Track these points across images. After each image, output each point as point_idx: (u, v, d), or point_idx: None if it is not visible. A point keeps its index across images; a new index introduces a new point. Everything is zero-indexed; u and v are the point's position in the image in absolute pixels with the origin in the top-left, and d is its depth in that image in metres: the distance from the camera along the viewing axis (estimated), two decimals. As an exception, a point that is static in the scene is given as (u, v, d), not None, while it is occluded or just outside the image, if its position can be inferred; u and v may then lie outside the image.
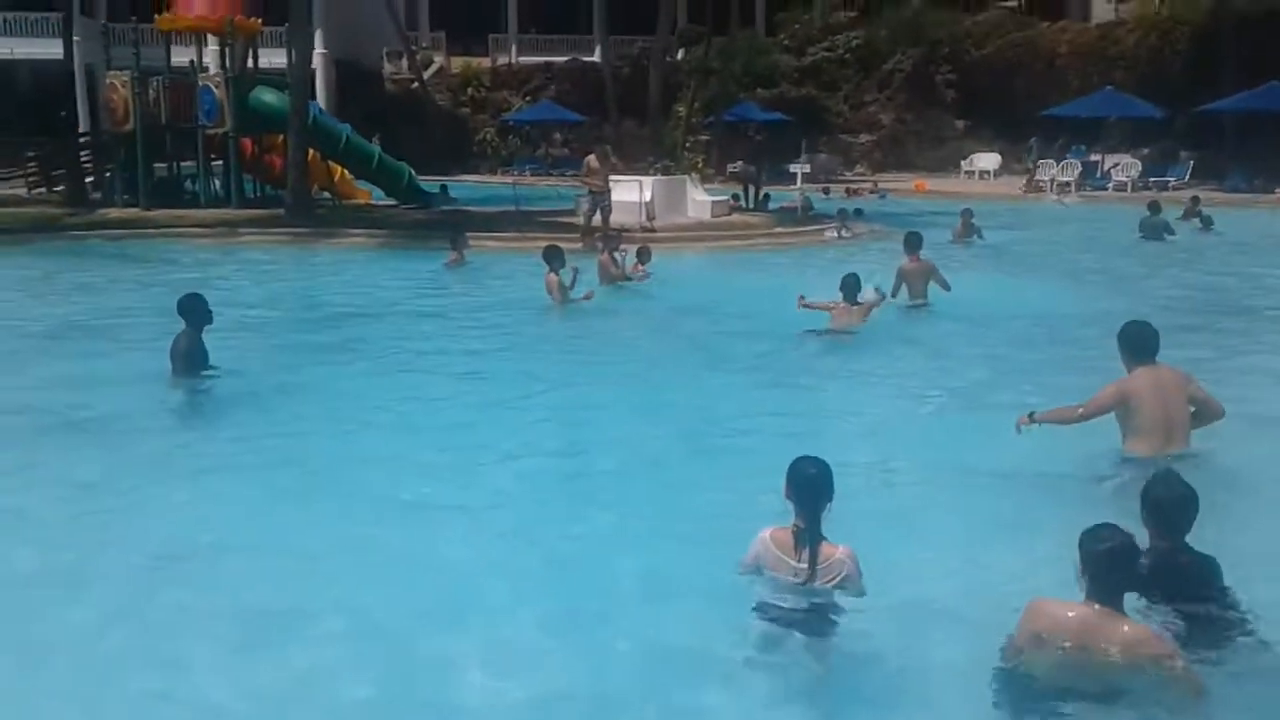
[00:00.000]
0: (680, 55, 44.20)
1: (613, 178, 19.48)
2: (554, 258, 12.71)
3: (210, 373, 8.76)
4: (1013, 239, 21.11)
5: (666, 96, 40.48)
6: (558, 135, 42.41)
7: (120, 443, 7.46)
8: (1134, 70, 35.64)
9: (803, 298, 10.64)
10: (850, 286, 10.81)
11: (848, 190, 32.18)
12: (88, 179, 25.63)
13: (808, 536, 4.43)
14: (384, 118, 35.84)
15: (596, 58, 45.62)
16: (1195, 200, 23.20)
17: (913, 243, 12.50)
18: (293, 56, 22.91)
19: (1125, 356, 6.38)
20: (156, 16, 24.22)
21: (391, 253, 19.09)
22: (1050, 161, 32.96)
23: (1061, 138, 34.32)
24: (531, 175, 38.38)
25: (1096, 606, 3.87)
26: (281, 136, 24.94)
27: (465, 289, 15.01)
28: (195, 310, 8.58)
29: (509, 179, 34.66)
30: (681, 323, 12.48)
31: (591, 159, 19.45)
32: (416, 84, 41.92)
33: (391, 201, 26.08)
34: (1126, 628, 3.85)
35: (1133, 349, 6.34)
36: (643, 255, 15.33)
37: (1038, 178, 32.69)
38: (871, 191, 32.19)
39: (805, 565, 4.42)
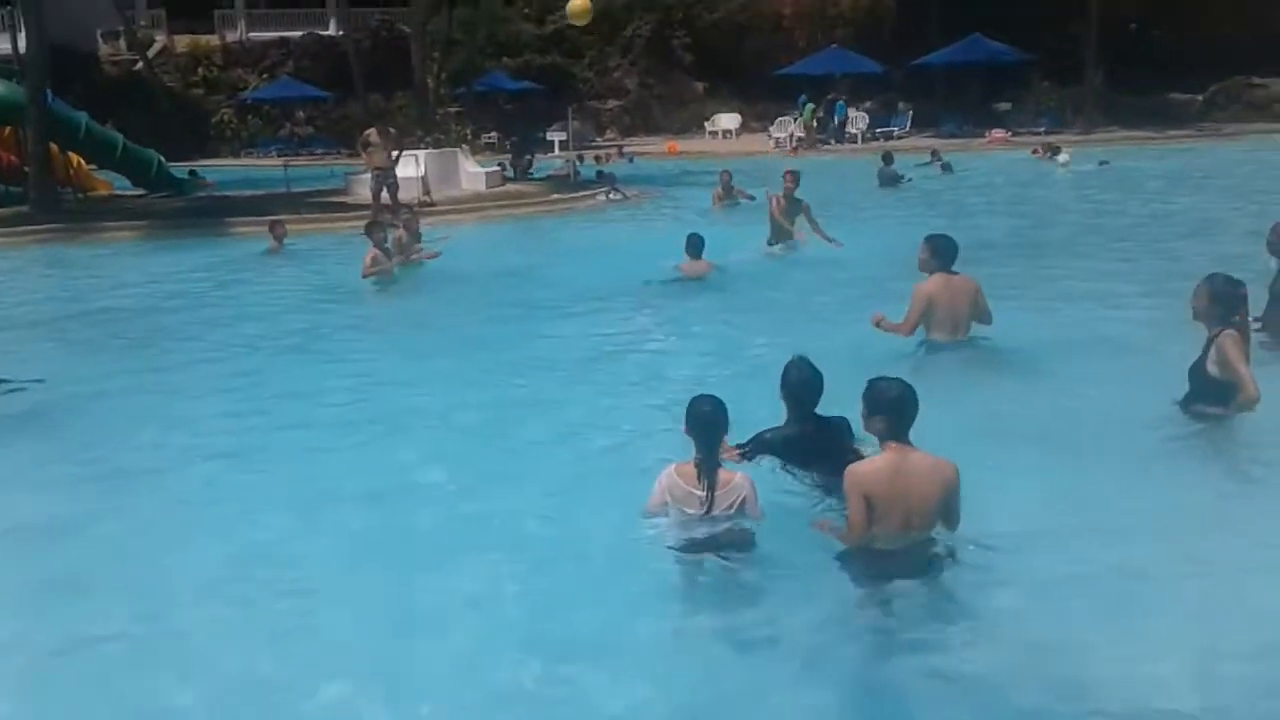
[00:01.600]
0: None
1: (395, 153, 19.42)
2: (375, 231, 12.81)
3: None
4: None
5: (409, 68, 40.08)
6: (301, 113, 41.12)
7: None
8: (852, 28, 38.57)
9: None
10: (695, 244, 11.87)
11: (596, 157, 33.11)
12: None
13: (707, 467, 4.94)
14: (106, 103, 33.58)
15: (333, 31, 44.41)
16: (935, 152, 25.86)
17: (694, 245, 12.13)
18: (24, 42, 21.26)
19: (936, 263, 7.87)
20: None
21: (161, 244, 18.24)
22: (787, 119, 35.19)
23: (831, 93, 36.05)
24: (279, 155, 37.10)
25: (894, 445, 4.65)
26: (8, 130, 23.23)
27: (286, 274, 14.59)
28: None
29: (272, 160, 33.58)
30: (504, 288, 12.80)
31: (371, 134, 19.23)
32: (140, 65, 39.38)
33: (138, 191, 24.80)
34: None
35: (942, 256, 7.88)
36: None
37: (788, 134, 34.58)
38: (619, 155, 33.03)
39: (705, 494, 4.91)
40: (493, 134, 37.73)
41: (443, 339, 10.38)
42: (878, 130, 34.30)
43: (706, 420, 4.97)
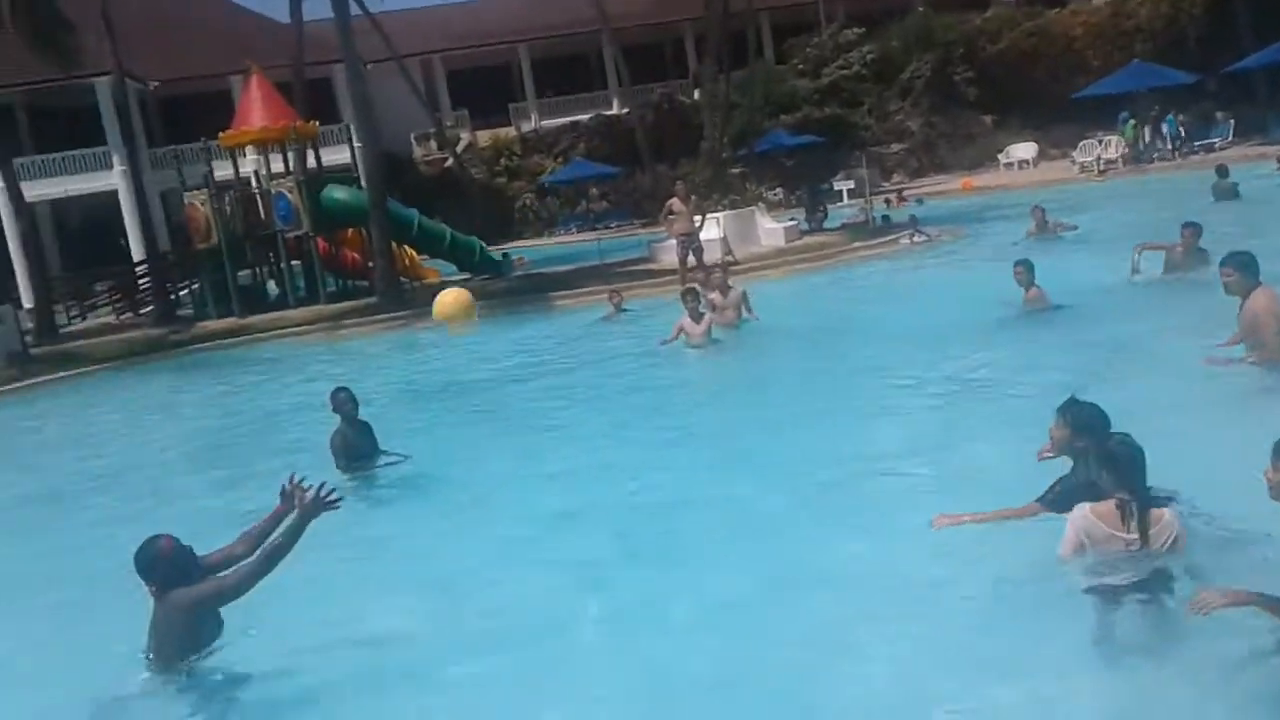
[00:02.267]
0: (697, 95, 45.10)
1: (696, 217, 19.94)
2: (689, 299, 13.03)
3: (386, 460, 8.83)
4: (1089, 223, 20.65)
5: (690, 137, 41.41)
6: (594, 190, 43.26)
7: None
8: (1152, 41, 36.15)
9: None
10: (1028, 271, 11.32)
11: (887, 201, 32.54)
12: (173, 298, 26.57)
13: (1137, 506, 4.64)
14: (423, 199, 36.70)
15: (616, 109, 46.64)
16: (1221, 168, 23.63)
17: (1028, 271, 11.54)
18: (360, 151, 23.67)
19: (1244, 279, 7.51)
20: (220, 134, 25.06)
21: (497, 320, 19.58)
22: (1092, 142, 33.31)
23: (1155, 108, 33.46)
24: (578, 231, 39.19)
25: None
26: (351, 230, 25.82)
27: (626, 340, 14.96)
28: (342, 402, 8.75)
29: (577, 236, 35.67)
30: (842, 344, 12.64)
31: (674, 202, 19.87)
32: (450, 161, 42.93)
33: (463, 275, 26.77)
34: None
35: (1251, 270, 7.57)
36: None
37: (1095, 158, 32.65)
38: (901, 201, 32.07)
39: (1136, 535, 4.64)
40: (778, 190, 38.07)
41: (790, 393, 10.41)
42: (1197, 144, 31.75)
43: (1137, 458, 4.71)
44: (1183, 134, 32.38)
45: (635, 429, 9.82)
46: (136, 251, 35.06)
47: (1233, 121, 31.82)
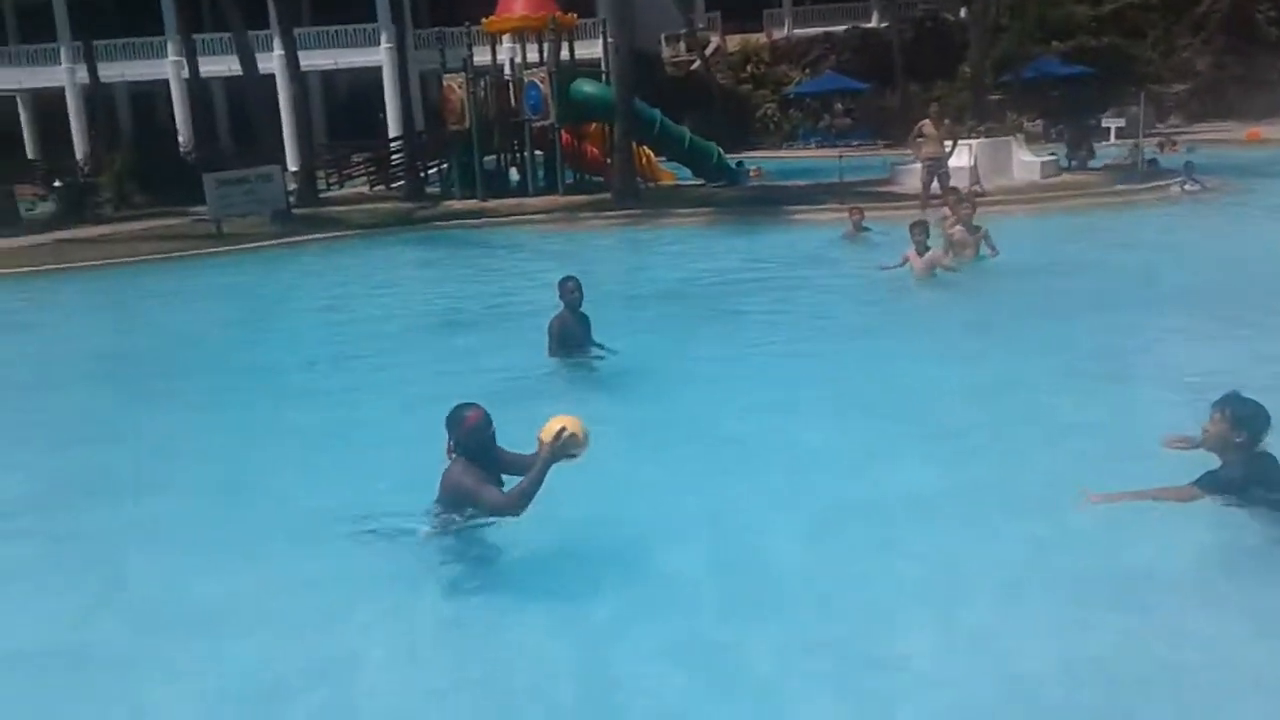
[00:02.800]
0: (963, 14, 42.68)
1: (947, 142, 19.03)
2: (917, 231, 12.23)
3: (596, 352, 8.92)
4: None
5: (951, 58, 39.31)
6: (839, 105, 41.98)
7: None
8: None
9: None
10: None
11: (1159, 146, 29.83)
12: (422, 175, 27.80)
13: None
14: (667, 100, 36.60)
15: (875, 23, 44.81)
16: None
17: None
18: (613, 47, 23.79)
19: None
20: (484, 20, 25.70)
21: (726, 228, 19.47)
22: None
23: None
24: (817, 146, 38.24)
25: None
26: (594, 126, 26.14)
27: (855, 265, 14.31)
28: (569, 291, 8.80)
29: (811, 151, 34.93)
30: (1077, 295, 11.77)
31: (926, 124, 19.06)
32: (698, 64, 42.57)
33: (698, 181, 26.69)
34: None
35: None
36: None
37: None
38: (1173, 147, 29.15)
39: None
40: (1038, 122, 35.76)
41: (998, 348, 9.69)
42: None
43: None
44: None
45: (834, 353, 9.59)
46: (394, 128, 36.89)
47: None
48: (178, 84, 40.61)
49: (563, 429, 5.00)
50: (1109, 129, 33.02)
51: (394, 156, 30.42)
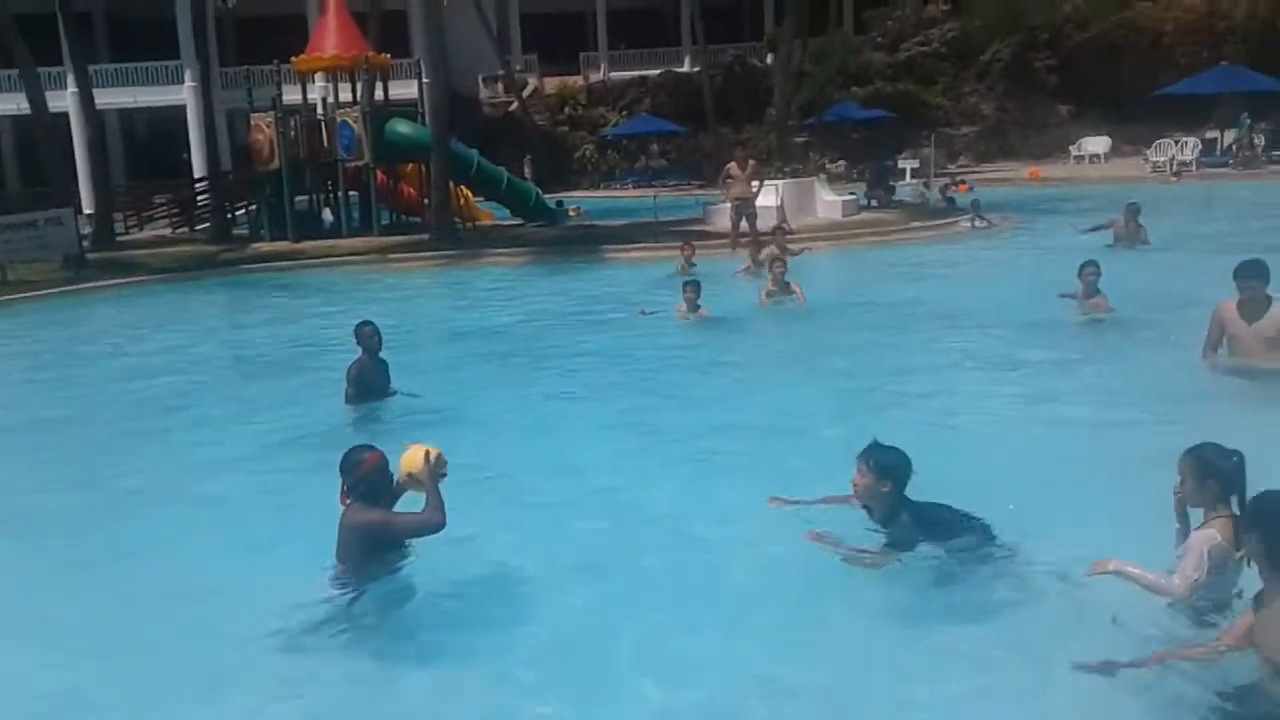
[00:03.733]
0: (770, 60, 44.47)
1: (754, 182, 19.74)
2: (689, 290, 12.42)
3: (390, 397, 8.88)
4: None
5: (758, 101, 40.86)
6: (654, 146, 42.92)
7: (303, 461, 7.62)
8: (1244, 43, 35.00)
9: None
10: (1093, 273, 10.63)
11: (944, 186, 31.47)
12: (229, 216, 26.85)
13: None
14: (485, 141, 36.64)
15: (687, 68, 46.13)
16: None
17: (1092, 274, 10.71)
18: (428, 87, 23.68)
19: None
20: (293, 59, 25.15)
21: (544, 268, 19.57)
22: (1169, 141, 32.42)
23: (1245, 113, 31.87)
24: (635, 187, 38.95)
25: None
26: (411, 166, 25.88)
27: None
28: (367, 336, 8.78)
29: (634, 191, 35.53)
30: (875, 315, 12.58)
31: (732, 166, 19.77)
32: (515, 106, 42.78)
33: (516, 220, 26.75)
34: None
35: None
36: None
37: (1169, 158, 31.75)
38: (959, 187, 30.81)
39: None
40: (840, 163, 37.52)
41: (824, 365, 10.27)
42: (1275, 153, 30.80)
43: (1241, 467, 4.35)
44: (1210, 144, 31.46)
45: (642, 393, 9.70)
46: (198, 167, 35.47)
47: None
48: (-43, 123, 38.01)
49: (427, 453, 5.06)
50: (905, 169, 34.91)
51: (199, 197, 29.28)
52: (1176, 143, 32.24)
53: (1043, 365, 9.57)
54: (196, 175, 33.42)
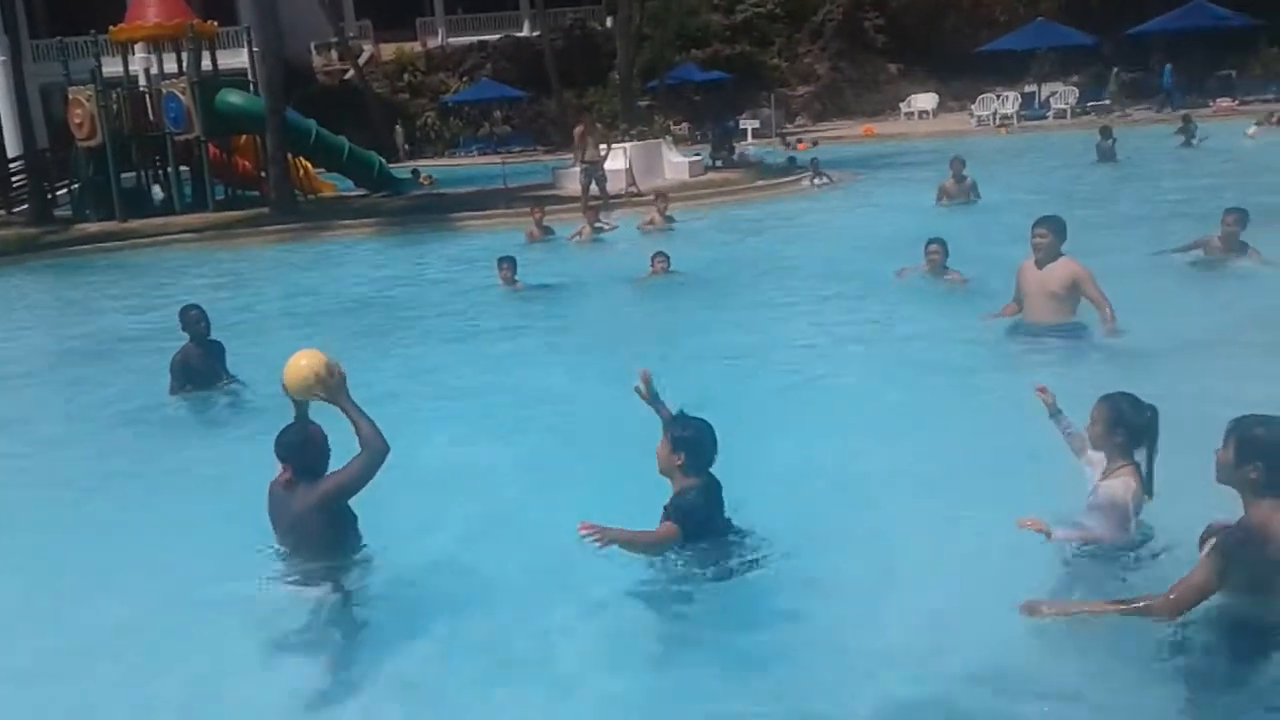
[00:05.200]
0: (610, 23, 44.47)
1: (602, 146, 19.87)
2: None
3: (224, 383, 8.38)
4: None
5: (600, 65, 40.92)
6: (498, 113, 42.50)
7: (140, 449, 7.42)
8: (1057, 0, 36.93)
9: None
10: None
11: (785, 144, 32.27)
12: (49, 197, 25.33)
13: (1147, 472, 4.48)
14: (321, 110, 35.52)
15: (526, 32, 45.71)
16: (1186, 118, 24.81)
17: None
18: (259, 56, 22.88)
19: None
20: (110, 28, 23.84)
21: (393, 239, 19.25)
22: (990, 96, 34.05)
23: (1154, 58, 33.62)
24: (480, 154, 38.53)
25: None
26: (245, 138, 24.96)
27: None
28: (193, 321, 8.24)
29: (474, 159, 35.12)
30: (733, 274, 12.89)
31: (579, 130, 19.86)
32: (352, 73, 41.61)
33: (360, 191, 26.15)
34: None
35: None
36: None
37: (984, 112, 33.39)
38: (800, 144, 31.66)
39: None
40: (683, 124, 37.98)
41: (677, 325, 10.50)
42: (1089, 105, 32.73)
43: (1154, 423, 4.46)
44: (1061, 94, 33.16)
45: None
46: (11, 147, 33.31)
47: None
48: None
49: (326, 364, 4.69)
50: (746, 129, 35.63)
51: (14, 178, 27.53)
52: (998, 97, 33.87)
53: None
54: (10, 155, 31.38)
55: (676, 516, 4.58)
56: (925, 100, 38.18)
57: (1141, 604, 3.97)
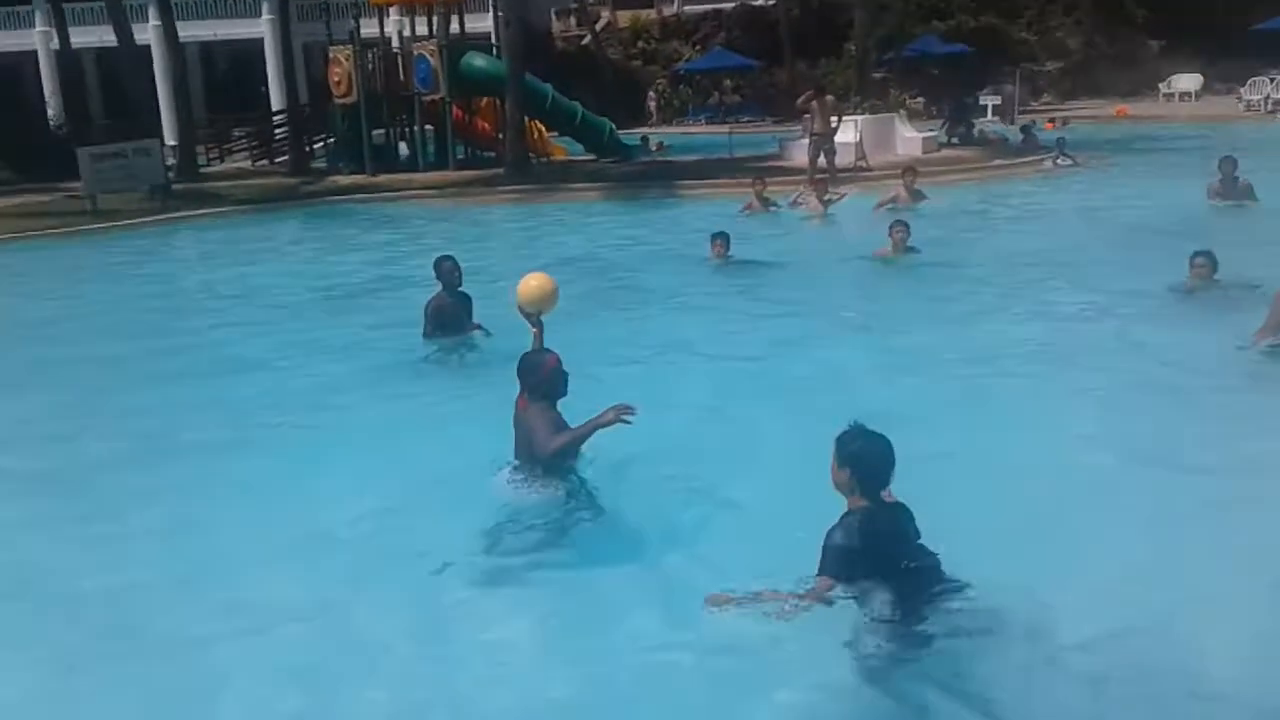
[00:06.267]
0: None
1: (833, 118, 19.45)
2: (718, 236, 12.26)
3: (475, 334, 8.68)
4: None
5: (835, 36, 40.01)
6: (728, 82, 42.31)
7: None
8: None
9: None
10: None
11: (1031, 122, 30.52)
12: (308, 150, 27.18)
13: None
14: (557, 75, 36.38)
15: (762, 1, 45.23)
16: None
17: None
18: (503, 21, 23.60)
19: None
20: (372, -8, 25.23)
21: (622, 203, 19.56)
22: (1264, 80, 31.17)
23: None
24: (707, 123, 38.54)
25: None
26: (485, 100, 25.91)
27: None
28: (447, 271, 8.57)
29: (706, 127, 35.18)
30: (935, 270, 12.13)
31: (808, 98, 19.53)
32: (588, 39, 42.42)
33: (589, 156, 26.68)
34: None
35: None
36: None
37: (1264, 96, 30.58)
38: (1049, 124, 29.86)
39: None
40: (919, 99, 36.68)
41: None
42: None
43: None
44: None
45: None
46: (276, 101, 35.87)
47: None
48: (46, 56, 38.79)
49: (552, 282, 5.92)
50: (986, 106, 34.06)
51: (277, 130, 29.65)
52: (1271, 81, 30.97)
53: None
54: (274, 109, 33.81)
55: (825, 561, 4.03)
56: (1188, 81, 35.38)
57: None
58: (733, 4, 44.52)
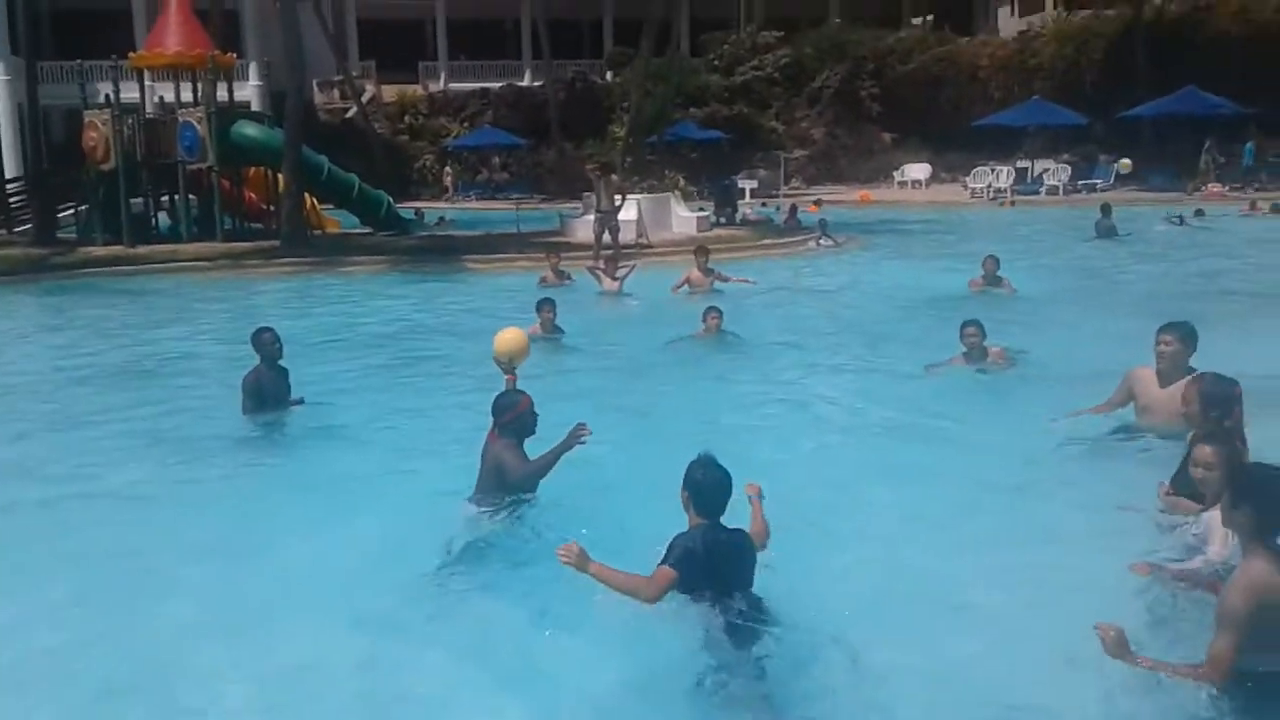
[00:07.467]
0: (610, 77, 45.25)
1: (617, 196, 20.13)
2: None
3: (294, 407, 8.64)
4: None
5: (599, 118, 41.54)
6: (495, 159, 42.92)
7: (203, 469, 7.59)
8: (1052, 80, 37.95)
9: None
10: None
11: (792, 206, 32.72)
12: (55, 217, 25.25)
13: None
14: (322, 148, 35.58)
15: (528, 81, 46.34)
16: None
17: None
18: (288, 90, 23.15)
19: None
20: (130, 55, 24.01)
21: (408, 276, 19.37)
22: (985, 169, 34.81)
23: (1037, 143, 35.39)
24: (477, 199, 38.85)
25: None
26: (253, 171, 25.07)
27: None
28: (267, 344, 8.43)
29: (477, 203, 35.30)
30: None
31: (596, 177, 20.23)
32: (355, 112, 41.93)
33: (365, 229, 26.24)
34: None
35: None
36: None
37: (978, 185, 34.14)
38: (814, 206, 32.25)
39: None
40: (680, 180, 38.43)
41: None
42: (1079, 183, 33.56)
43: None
44: (1053, 171, 33.94)
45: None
46: (10, 166, 33.29)
47: (1115, 166, 33.33)
48: None
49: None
50: (745, 189, 36.17)
51: (14, 198, 27.43)
52: (993, 170, 34.63)
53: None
54: (9, 175, 31.30)
55: (670, 553, 4.42)
56: (918, 170, 38.96)
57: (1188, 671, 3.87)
58: (499, 84, 45.36)
